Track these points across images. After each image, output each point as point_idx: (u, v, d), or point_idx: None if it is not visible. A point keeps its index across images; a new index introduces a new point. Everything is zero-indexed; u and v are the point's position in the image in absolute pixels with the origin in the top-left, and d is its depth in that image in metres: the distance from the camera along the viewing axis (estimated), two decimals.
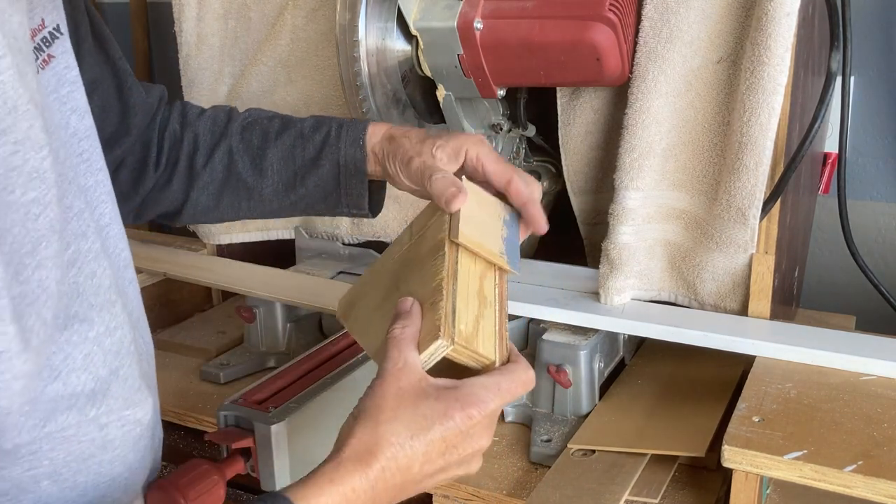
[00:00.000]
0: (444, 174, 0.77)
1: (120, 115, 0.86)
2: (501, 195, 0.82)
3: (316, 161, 0.87)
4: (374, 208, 0.91)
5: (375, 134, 0.87)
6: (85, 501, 0.57)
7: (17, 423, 0.51)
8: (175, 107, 0.93)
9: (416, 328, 0.65)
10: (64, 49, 0.63)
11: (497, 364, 0.66)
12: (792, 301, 1.17)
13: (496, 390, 0.63)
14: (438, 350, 0.63)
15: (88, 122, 0.65)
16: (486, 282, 0.73)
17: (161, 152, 0.90)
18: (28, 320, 0.49)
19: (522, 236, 0.82)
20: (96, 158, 0.66)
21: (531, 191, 0.80)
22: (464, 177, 0.80)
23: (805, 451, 0.75)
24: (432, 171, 0.78)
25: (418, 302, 0.67)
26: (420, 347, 0.64)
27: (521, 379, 0.65)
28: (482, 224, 0.76)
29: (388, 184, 0.90)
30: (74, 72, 0.64)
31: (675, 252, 0.99)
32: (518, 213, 0.82)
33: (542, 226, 0.81)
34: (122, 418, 0.58)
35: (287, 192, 0.89)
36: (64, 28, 0.64)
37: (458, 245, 0.71)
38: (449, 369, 0.65)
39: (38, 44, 0.59)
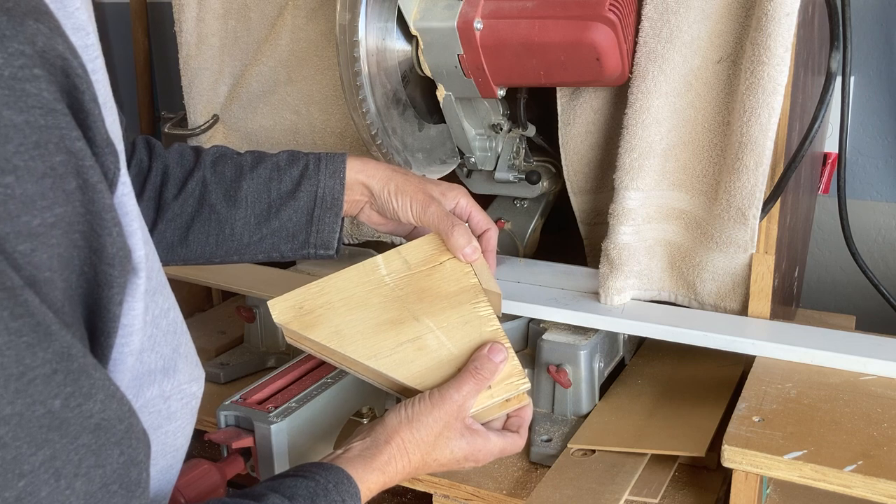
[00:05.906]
0: (462, 227, 0.87)
1: None
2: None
3: (293, 193, 0.89)
4: (339, 246, 0.92)
5: (366, 169, 0.90)
6: (157, 469, 0.60)
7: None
8: (139, 139, 0.93)
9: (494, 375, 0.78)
10: None
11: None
12: (792, 301, 1.17)
13: (498, 452, 0.78)
14: (512, 402, 0.79)
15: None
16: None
17: None
18: None
19: None
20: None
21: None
22: None
23: (805, 451, 0.75)
24: (449, 221, 0.87)
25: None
26: (494, 391, 0.77)
27: (517, 445, 0.80)
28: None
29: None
30: None
31: (675, 252, 0.99)
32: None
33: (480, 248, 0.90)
34: (181, 392, 0.60)
35: (259, 225, 0.89)
36: None
37: (490, 293, 0.83)
38: None
39: None
